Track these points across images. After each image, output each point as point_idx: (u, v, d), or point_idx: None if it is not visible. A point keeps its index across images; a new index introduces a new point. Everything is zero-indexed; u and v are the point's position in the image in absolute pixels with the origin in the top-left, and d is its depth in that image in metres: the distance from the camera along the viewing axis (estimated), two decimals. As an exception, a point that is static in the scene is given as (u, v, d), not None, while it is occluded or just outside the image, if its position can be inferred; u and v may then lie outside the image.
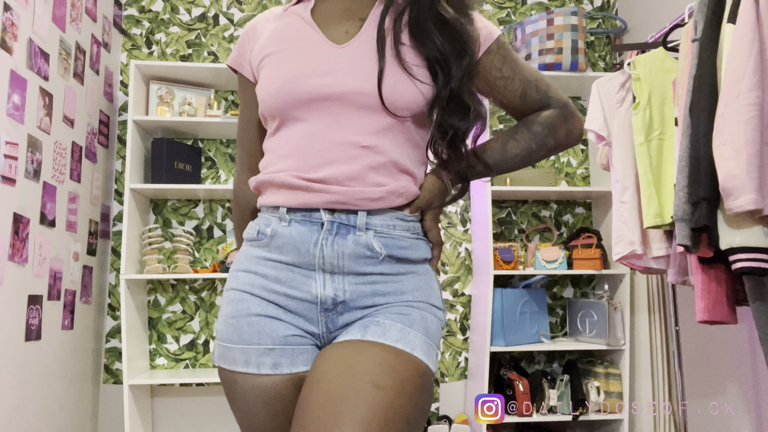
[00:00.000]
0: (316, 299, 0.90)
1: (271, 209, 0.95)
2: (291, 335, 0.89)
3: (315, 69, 0.91)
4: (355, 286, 0.90)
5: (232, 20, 3.10)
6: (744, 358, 2.17)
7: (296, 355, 0.89)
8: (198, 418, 2.84)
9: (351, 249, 0.90)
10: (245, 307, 0.91)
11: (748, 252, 1.55)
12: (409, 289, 0.92)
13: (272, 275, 0.91)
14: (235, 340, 0.90)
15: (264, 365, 0.88)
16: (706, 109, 1.64)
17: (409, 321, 0.88)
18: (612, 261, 2.82)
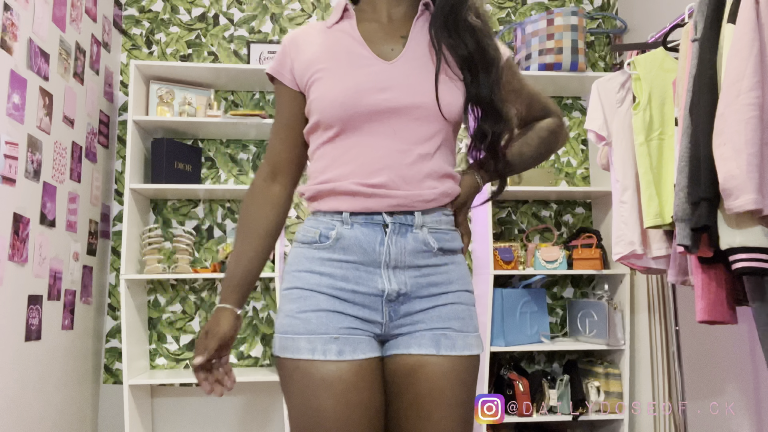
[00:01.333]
0: (382, 293, 1.01)
1: (331, 214, 1.04)
2: (353, 327, 1.00)
3: (373, 85, 1.02)
4: (414, 279, 1.03)
5: (232, 20, 3.10)
6: (744, 358, 2.17)
7: (357, 344, 0.99)
8: (198, 418, 2.84)
9: (411, 245, 1.02)
10: (314, 303, 1.01)
11: (748, 252, 1.55)
12: (455, 278, 1.06)
13: (339, 274, 1.02)
14: (301, 331, 0.99)
15: (330, 352, 0.97)
16: (706, 109, 1.64)
17: (465, 325, 1.04)
18: (612, 261, 2.82)
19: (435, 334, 1.02)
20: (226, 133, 2.92)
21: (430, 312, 1.03)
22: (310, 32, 1.11)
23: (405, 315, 1.03)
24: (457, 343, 1.02)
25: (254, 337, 2.91)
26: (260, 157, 3.02)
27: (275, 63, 1.12)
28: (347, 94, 1.02)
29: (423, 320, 1.03)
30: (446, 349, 1.01)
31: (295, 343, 0.99)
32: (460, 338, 1.02)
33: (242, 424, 2.86)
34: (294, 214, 3.01)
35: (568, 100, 3.21)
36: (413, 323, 1.03)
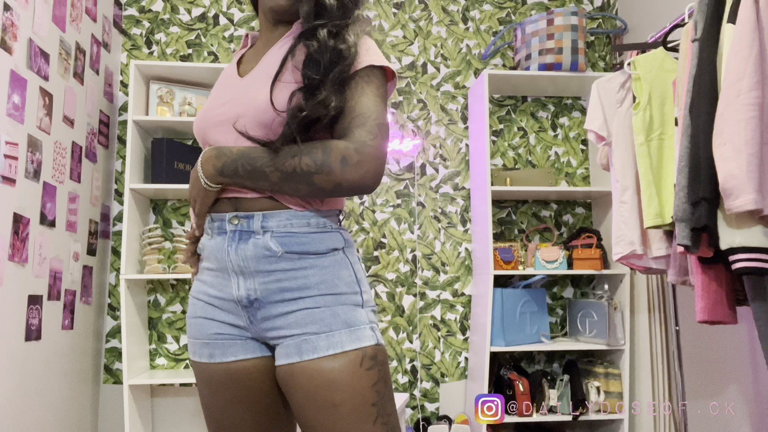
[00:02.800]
0: (235, 298, 1.06)
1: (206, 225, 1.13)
2: (221, 333, 1.08)
3: (218, 101, 1.10)
4: (264, 285, 1.03)
5: (232, 20, 3.10)
6: (744, 358, 2.17)
7: (226, 348, 1.07)
8: (198, 418, 2.84)
9: (251, 251, 1.04)
10: (194, 310, 1.12)
11: (748, 252, 1.55)
12: (313, 283, 1.03)
13: (208, 281, 1.10)
14: (189, 335, 1.13)
15: (203, 355, 1.09)
16: (706, 109, 1.64)
17: (325, 325, 1.01)
18: (612, 261, 2.82)
19: (296, 341, 1.01)
20: (226, 133, 2.91)
21: (287, 317, 1.02)
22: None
23: (264, 319, 1.04)
24: (319, 345, 0.99)
25: (254, 337, 2.91)
26: (260, 157, 3.01)
27: None
28: (201, 113, 1.12)
29: (283, 326, 1.02)
30: (308, 353, 0.99)
31: (188, 345, 1.14)
32: (322, 339, 1.00)
33: (242, 424, 2.86)
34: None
35: (568, 100, 3.21)
36: (276, 329, 1.03)
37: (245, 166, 1.01)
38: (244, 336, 1.07)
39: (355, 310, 1.03)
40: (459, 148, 3.13)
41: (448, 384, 2.97)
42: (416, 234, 3.05)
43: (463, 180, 3.10)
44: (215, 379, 1.07)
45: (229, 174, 1.03)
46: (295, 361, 1.00)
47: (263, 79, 1.05)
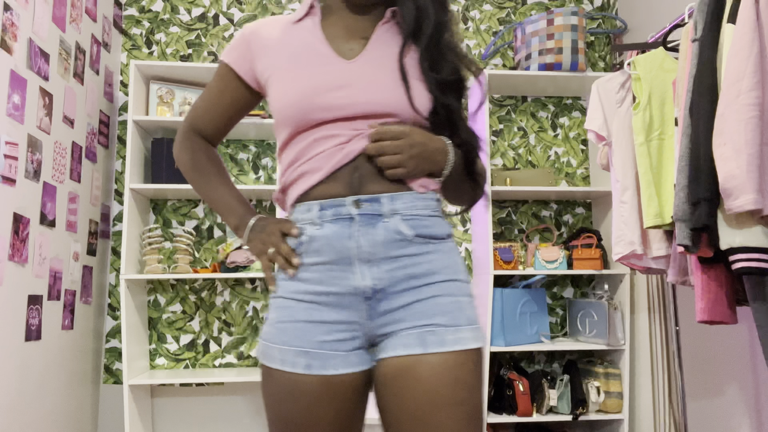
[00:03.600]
0: (357, 290, 0.97)
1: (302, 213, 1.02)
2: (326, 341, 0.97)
3: (330, 83, 1.00)
4: (391, 272, 0.97)
5: (232, 20, 3.10)
6: (744, 358, 2.17)
7: (327, 359, 0.96)
8: (198, 418, 2.84)
9: (382, 236, 0.97)
10: (291, 313, 1.00)
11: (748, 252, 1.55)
12: (439, 268, 0.99)
13: (314, 278, 0.99)
14: (276, 341, 0.99)
15: (298, 365, 0.96)
16: (706, 109, 1.64)
17: (454, 318, 0.97)
18: (612, 261, 2.82)
19: (420, 332, 0.95)
20: (226, 133, 2.91)
21: (411, 307, 0.97)
22: (274, 27, 1.09)
23: (384, 312, 0.97)
24: (446, 339, 0.95)
25: (254, 337, 2.91)
26: (260, 156, 3.02)
27: (234, 53, 1.10)
28: (303, 94, 1.00)
29: (405, 318, 0.97)
30: (434, 346, 0.94)
31: (270, 351, 0.99)
32: (450, 333, 0.95)
33: (242, 424, 2.86)
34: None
35: (568, 100, 3.21)
36: (395, 322, 0.97)
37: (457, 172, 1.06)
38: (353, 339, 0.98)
39: (472, 305, 1.01)
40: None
41: (448, 384, 2.97)
42: (416, 234, 3.04)
43: (463, 180, 3.10)
44: (307, 391, 0.96)
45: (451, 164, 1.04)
46: (417, 353, 0.94)
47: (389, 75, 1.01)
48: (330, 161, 0.99)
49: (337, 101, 0.98)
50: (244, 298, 2.92)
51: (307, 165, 1.01)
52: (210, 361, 2.88)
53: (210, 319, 2.89)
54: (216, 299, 2.91)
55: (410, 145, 0.97)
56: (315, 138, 1.00)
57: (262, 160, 3.02)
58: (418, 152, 0.98)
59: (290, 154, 1.03)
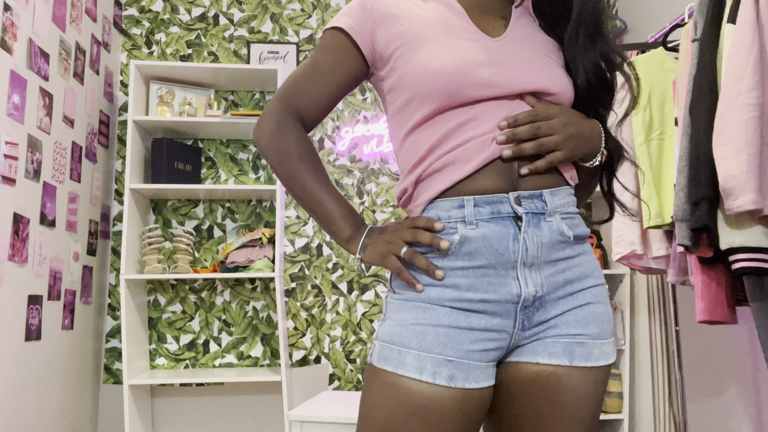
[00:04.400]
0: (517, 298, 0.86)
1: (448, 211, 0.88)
2: (472, 350, 0.85)
3: (484, 59, 0.88)
4: (551, 277, 0.88)
5: (232, 20, 3.10)
6: (744, 358, 2.17)
7: (471, 371, 0.84)
8: (198, 418, 2.84)
9: (547, 237, 0.87)
10: (434, 316, 0.86)
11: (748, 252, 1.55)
12: (590, 271, 0.92)
13: (464, 284, 0.86)
14: (412, 345, 0.84)
15: (440, 376, 0.83)
16: (706, 109, 1.64)
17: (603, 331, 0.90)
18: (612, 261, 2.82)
19: (569, 342, 0.87)
20: (226, 133, 2.92)
21: (566, 315, 0.88)
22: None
23: (539, 323, 0.88)
24: (593, 353, 0.87)
25: (254, 337, 2.91)
26: (260, 157, 3.02)
27: (353, 20, 0.94)
28: (456, 66, 0.86)
29: (557, 325, 0.88)
30: (580, 360, 0.86)
31: (400, 357, 0.84)
32: (597, 346, 0.88)
33: (242, 424, 2.86)
34: (294, 214, 3.01)
35: (568, 100, 3.21)
36: (546, 329, 0.88)
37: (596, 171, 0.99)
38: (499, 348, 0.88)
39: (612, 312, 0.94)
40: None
41: (448, 384, 2.97)
42: (416, 234, 3.04)
43: (463, 180, 3.10)
44: (442, 407, 0.83)
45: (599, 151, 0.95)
46: (562, 364, 0.86)
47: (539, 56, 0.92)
48: (484, 150, 0.86)
49: (494, 78, 0.87)
50: (244, 298, 2.92)
51: (456, 153, 0.87)
52: (210, 361, 2.88)
53: (210, 319, 2.89)
54: (216, 299, 2.91)
55: (564, 124, 0.87)
56: (464, 120, 0.88)
57: (262, 160, 3.02)
58: (574, 132, 0.88)
59: (430, 138, 0.88)
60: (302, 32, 3.13)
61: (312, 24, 3.14)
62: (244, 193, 2.82)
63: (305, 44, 3.12)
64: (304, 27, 3.13)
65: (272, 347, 2.91)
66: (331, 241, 3.00)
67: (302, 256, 2.98)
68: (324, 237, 3.01)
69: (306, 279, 2.97)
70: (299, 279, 2.96)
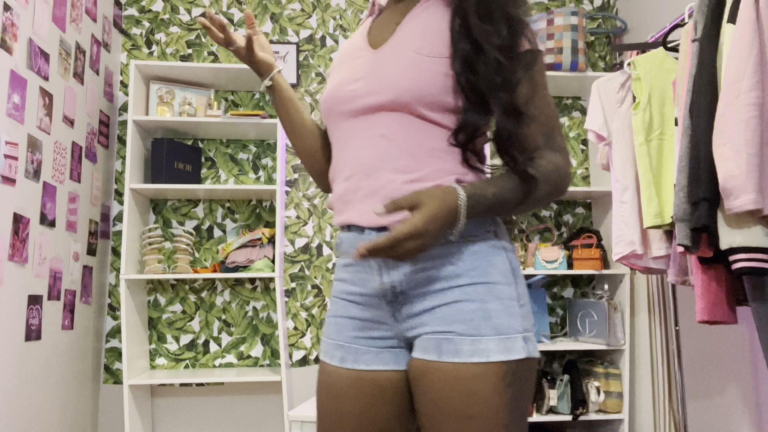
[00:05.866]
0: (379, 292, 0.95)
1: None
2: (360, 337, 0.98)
3: (350, 76, 0.97)
4: (410, 275, 0.92)
5: (232, 20, 3.10)
6: (744, 358, 2.17)
7: (359, 354, 0.97)
8: (198, 418, 2.84)
9: None
10: (334, 308, 1.02)
11: (748, 252, 1.55)
12: (465, 270, 0.91)
13: (349, 278, 1.00)
14: (324, 334, 1.03)
15: (334, 357, 0.99)
16: (706, 109, 1.64)
17: (474, 327, 0.88)
18: (612, 261, 2.82)
19: (438, 338, 0.89)
20: (226, 133, 2.92)
21: (434, 312, 0.91)
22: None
23: (408, 317, 0.93)
24: (462, 349, 0.87)
25: (254, 337, 2.91)
26: (260, 157, 3.02)
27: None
28: (330, 89, 0.99)
29: (428, 322, 0.91)
30: (448, 355, 0.88)
31: (323, 345, 1.04)
32: (467, 343, 0.87)
33: (242, 424, 2.86)
34: (294, 214, 3.01)
35: (568, 100, 3.21)
36: (420, 325, 0.92)
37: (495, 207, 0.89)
38: (385, 338, 0.96)
39: (509, 312, 0.90)
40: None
41: (448, 384, 2.97)
42: (416, 234, 3.04)
43: (463, 180, 3.10)
44: (340, 385, 0.96)
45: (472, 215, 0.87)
46: (431, 359, 0.89)
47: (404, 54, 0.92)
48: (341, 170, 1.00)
49: (351, 94, 0.95)
50: (244, 298, 2.92)
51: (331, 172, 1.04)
52: (210, 361, 2.88)
53: (210, 319, 2.89)
54: (216, 299, 2.91)
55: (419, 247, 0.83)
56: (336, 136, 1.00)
57: (262, 160, 3.02)
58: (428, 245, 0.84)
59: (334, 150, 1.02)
60: (302, 32, 3.13)
61: (312, 24, 3.14)
62: (244, 193, 2.82)
63: (305, 44, 3.11)
64: (304, 27, 3.13)
65: (272, 347, 2.91)
66: (331, 241, 3.00)
67: (302, 256, 2.98)
68: (324, 237, 3.00)
69: (306, 279, 2.97)
70: (299, 279, 2.96)
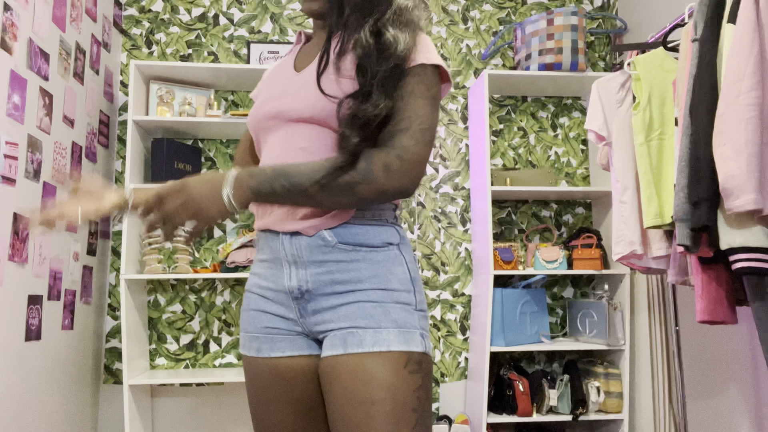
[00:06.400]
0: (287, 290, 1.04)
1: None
2: (273, 327, 1.06)
3: (274, 94, 1.08)
4: (316, 276, 1.01)
5: (232, 20, 3.10)
6: (744, 358, 2.17)
7: (275, 343, 1.05)
8: (198, 418, 2.84)
9: (306, 240, 1.02)
10: (248, 302, 1.11)
11: (748, 252, 1.55)
12: (366, 277, 1.01)
13: (262, 273, 1.08)
14: (242, 328, 1.11)
15: (251, 349, 1.07)
16: (706, 109, 1.64)
17: (375, 321, 0.98)
18: (612, 261, 2.82)
19: (342, 333, 0.98)
20: (226, 133, 2.92)
21: (337, 310, 1.00)
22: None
23: (314, 312, 1.02)
24: (365, 339, 0.96)
25: (254, 337, 2.91)
26: (260, 157, 3.02)
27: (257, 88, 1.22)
28: (256, 106, 1.10)
29: (332, 319, 1.00)
30: (353, 347, 0.96)
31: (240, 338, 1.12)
32: (369, 334, 0.96)
33: (242, 424, 2.86)
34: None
35: (568, 100, 3.21)
36: (325, 322, 1.01)
37: (283, 184, 0.95)
38: (294, 331, 1.05)
39: (407, 311, 1.00)
40: (459, 148, 3.13)
41: (448, 384, 2.97)
42: (416, 234, 3.05)
43: (463, 180, 3.11)
44: (262, 374, 1.05)
45: (265, 194, 0.97)
46: (338, 353, 0.97)
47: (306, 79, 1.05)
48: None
49: (273, 110, 1.06)
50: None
51: None
52: (210, 361, 2.88)
53: (210, 319, 2.89)
54: (216, 299, 2.91)
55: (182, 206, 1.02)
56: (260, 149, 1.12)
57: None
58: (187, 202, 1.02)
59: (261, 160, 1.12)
60: (302, 32, 3.13)
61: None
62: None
63: (305, 44, 3.11)
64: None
65: (272, 347, 2.91)
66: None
67: (302, 256, 2.98)
68: (324, 237, 3.01)
69: (306, 279, 2.97)
70: (299, 279, 2.96)
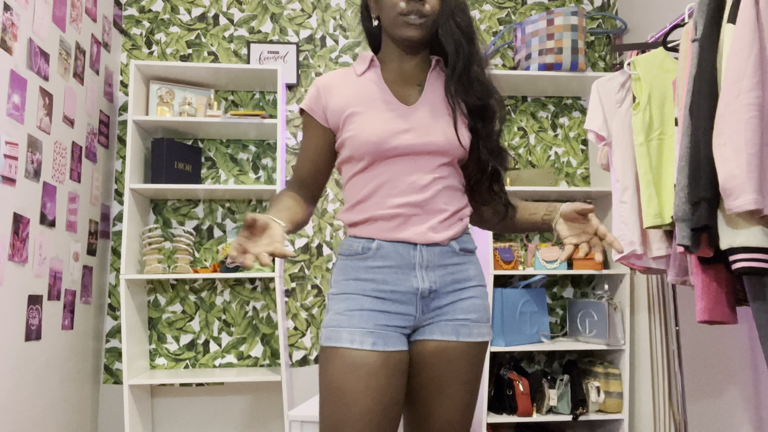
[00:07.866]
0: (416, 290, 1.23)
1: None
2: (388, 324, 1.21)
3: (398, 127, 1.24)
4: (442, 277, 1.25)
5: (232, 20, 3.10)
6: (744, 358, 2.17)
7: (388, 338, 1.19)
8: (198, 418, 2.84)
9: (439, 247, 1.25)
10: (359, 303, 1.22)
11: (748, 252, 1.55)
12: (473, 275, 1.29)
13: (380, 278, 1.23)
14: (345, 325, 1.20)
15: (366, 343, 1.18)
16: (706, 109, 1.64)
17: (480, 316, 1.27)
18: (612, 261, 2.82)
19: (456, 324, 1.24)
20: (226, 133, 2.92)
21: (454, 305, 1.25)
22: (343, 78, 1.33)
23: (435, 308, 1.25)
24: (473, 332, 1.25)
25: (254, 337, 2.91)
26: (260, 157, 3.02)
27: (308, 101, 1.32)
28: (378, 135, 1.23)
29: (447, 312, 1.25)
30: (464, 337, 1.24)
31: (338, 335, 1.19)
32: (476, 327, 1.25)
33: (242, 424, 2.86)
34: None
35: (568, 100, 3.21)
36: (441, 314, 1.25)
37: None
38: (406, 327, 1.23)
39: (487, 305, 1.30)
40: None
41: (448, 384, 2.97)
42: (416, 234, 3.04)
43: (463, 180, 3.10)
44: (369, 364, 1.16)
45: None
46: (451, 339, 1.23)
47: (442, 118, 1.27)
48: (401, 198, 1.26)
49: (404, 143, 1.24)
50: (244, 298, 2.92)
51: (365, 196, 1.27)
52: (210, 361, 2.88)
53: (210, 319, 2.89)
54: (216, 299, 2.91)
55: None
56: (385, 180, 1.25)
57: (262, 160, 3.02)
58: None
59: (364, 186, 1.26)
60: (302, 32, 3.13)
61: (312, 24, 3.14)
62: (244, 193, 2.82)
63: (305, 44, 3.12)
64: (304, 27, 3.13)
65: (272, 347, 2.91)
66: (331, 241, 3.01)
67: (302, 256, 2.98)
68: (324, 237, 3.01)
69: (306, 279, 2.97)
70: (299, 279, 2.96)
